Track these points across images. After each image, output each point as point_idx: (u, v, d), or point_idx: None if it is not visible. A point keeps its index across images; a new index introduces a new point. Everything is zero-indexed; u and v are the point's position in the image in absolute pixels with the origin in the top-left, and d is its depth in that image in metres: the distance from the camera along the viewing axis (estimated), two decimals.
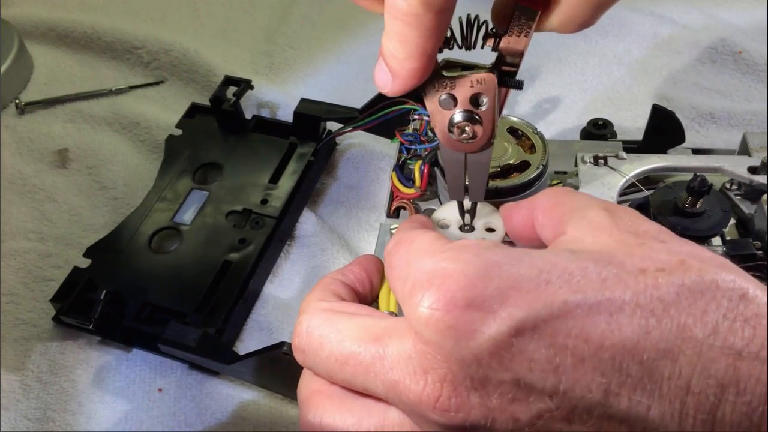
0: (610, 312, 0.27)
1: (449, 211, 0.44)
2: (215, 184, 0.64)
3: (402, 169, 0.54)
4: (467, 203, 0.43)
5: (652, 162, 0.53)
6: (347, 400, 0.33)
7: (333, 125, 0.66)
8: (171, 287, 0.56)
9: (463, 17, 0.35)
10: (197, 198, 0.63)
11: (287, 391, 0.52)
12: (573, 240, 0.32)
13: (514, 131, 0.51)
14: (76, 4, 0.87)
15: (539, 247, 0.38)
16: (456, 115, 0.36)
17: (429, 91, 0.36)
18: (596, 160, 0.53)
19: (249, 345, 0.56)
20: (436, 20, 0.31)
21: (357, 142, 0.68)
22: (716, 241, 0.50)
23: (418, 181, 0.51)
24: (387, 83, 0.34)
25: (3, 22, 0.80)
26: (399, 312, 0.37)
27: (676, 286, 0.28)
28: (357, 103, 0.64)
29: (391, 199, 0.55)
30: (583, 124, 0.63)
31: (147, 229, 0.60)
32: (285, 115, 0.71)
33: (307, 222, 0.63)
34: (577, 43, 0.78)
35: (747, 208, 0.52)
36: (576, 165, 0.54)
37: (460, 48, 0.36)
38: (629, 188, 0.53)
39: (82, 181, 0.68)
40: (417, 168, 0.51)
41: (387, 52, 0.33)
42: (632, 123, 0.69)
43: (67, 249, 0.62)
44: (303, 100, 0.66)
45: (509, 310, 0.28)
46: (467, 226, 0.43)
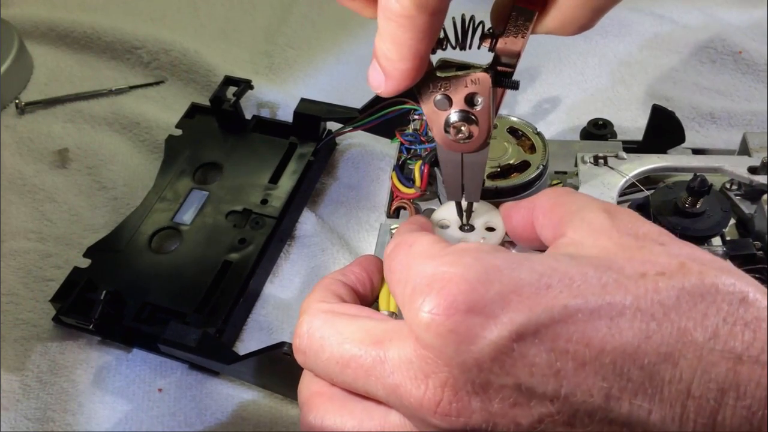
0: (611, 316, 0.27)
1: (449, 211, 0.44)
2: (215, 184, 0.64)
3: (402, 169, 0.54)
4: (466, 203, 0.43)
5: (652, 162, 0.53)
6: (348, 403, 0.33)
7: (333, 125, 0.66)
8: (171, 287, 0.56)
9: (458, 17, 0.35)
10: (197, 198, 0.63)
11: (287, 391, 0.52)
12: (573, 243, 0.32)
13: (514, 131, 0.51)
14: (76, 4, 0.87)
15: (539, 246, 0.38)
16: (452, 116, 0.36)
17: (424, 92, 0.36)
18: (596, 160, 0.53)
19: (249, 345, 0.56)
20: (429, 22, 0.31)
21: (357, 142, 0.68)
22: (716, 241, 0.50)
23: (418, 181, 0.51)
24: (380, 84, 0.34)
25: (3, 22, 0.80)
26: (399, 313, 0.37)
27: (677, 290, 0.28)
28: (357, 103, 0.64)
29: (391, 199, 0.55)
30: (583, 124, 0.63)
31: (147, 229, 0.60)
32: (285, 115, 0.71)
33: (307, 222, 0.63)
34: (577, 43, 0.78)
35: (747, 208, 0.52)
36: (576, 165, 0.53)
37: (453, 48, 0.35)
38: (629, 188, 0.53)
39: (82, 181, 0.68)
40: (417, 168, 0.51)
41: (380, 53, 0.33)
42: (632, 123, 0.69)
43: (67, 249, 0.62)
44: (303, 100, 0.66)
45: (510, 315, 0.28)
46: (467, 225, 0.43)
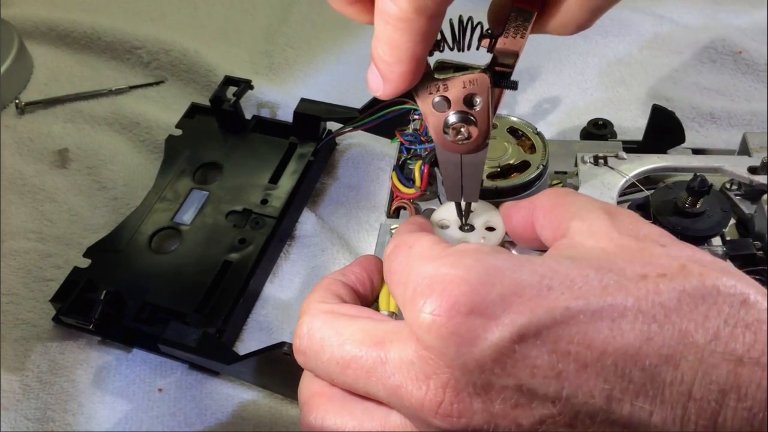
0: (612, 318, 0.27)
1: (449, 211, 0.44)
2: (215, 184, 0.64)
3: (402, 169, 0.54)
4: (465, 203, 0.43)
5: (652, 162, 0.53)
6: (348, 403, 0.33)
7: (333, 125, 0.66)
8: (171, 287, 0.56)
9: (455, 18, 0.35)
10: (197, 198, 0.63)
11: (287, 391, 0.52)
12: (573, 244, 0.32)
13: (514, 131, 0.51)
14: (76, 4, 0.87)
15: (539, 246, 0.38)
16: (450, 117, 0.36)
17: (422, 94, 0.36)
18: (596, 160, 0.52)
19: (249, 345, 0.56)
20: (427, 25, 0.31)
21: (357, 142, 0.68)
22: (716, 241, 0.50)
23: (418, 181, 0.51)
24: (379, 87, 0.34)
25: (3, 22, 0.80)
26: (399, 313, 0.37)
27: (678, 292, 0.28)
28: (357, 103, 0.64)
29: (391, 199, 0.55)
30: (583, 124, 0.63)
31: (147, 229, 0.60)
32: (285, 115, 0.71)
33: (307, 222, 0.63)
34: (577, 43, 0.78)
35: (747, 208, 0.52)
36: (576, 165, 0.53)
37: (451, 50, 0.35)
38: (629, 188, 0.52)
39: (82, 181, 0.68)
40: (417, 168, 0.50)
41: (377, 56, 0.33)
42: (632, 123, 0.69)
43: (67, 249, 0.62)
44: (303, 100, 0.66)
45: (511, 317, 0.28)
46: (467, 225, 0.43)
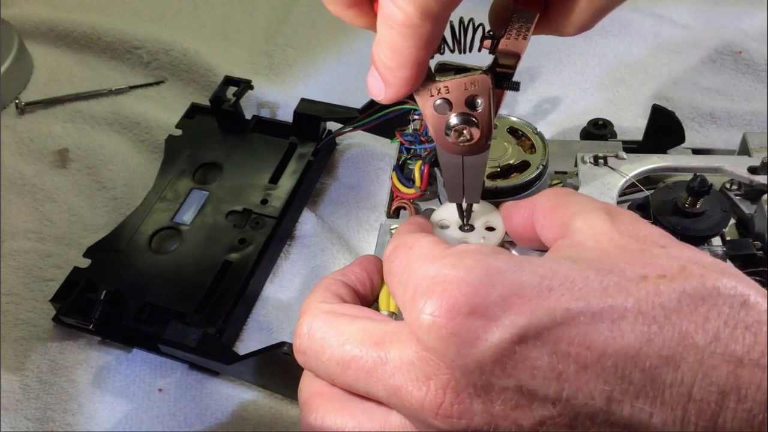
0: (613, 319, 0.27)
1: (449, 212, 0.44)
2: (215, 184, 0.64)
3: (402, 169, 0.54)
4: (466, 204, 0.43)
5: (652, 162, 0.53)
6: (348, 403, 0.33)
7: (333, 125, 0.66)
8: (171, 287, 0.56)
9: (456, 20, 0.35)
10: (197, 198, 0.63)
11: (287, 391, 0.52)
12: (574, 245, 0.32)
13: (514, 131, 0.51)
14: (76, 4, 0.87)
15: (539, 246, 0.38)
16: (452, 119, 0.36)
17: (423, 96, 0.36)
18: (596, 160, 0.52)
19: (249, 345, 0.56)
20: (432, 30, 0.30)
21: (357, 142, 0.68)
22: (716, 241, 0.50)
23: (418, 181, 0.51)
24: (380, 91, 0.33)
25: (3, 22, 0.80)
26: (399, 313, 0.37)
27: (678, 293, 0.28)
28: (357, 103, 0.64)
29: (391, 199, 0.55)
30: (583, 124, 0.63)
31: (147, 229, 0.60)
32: (285, 115, 0.71)
33: (307, 222, 0.63)
34: (577, 43, 0.78)
35: (747, 208, 0.52)
36: (576, 165, 0.53)
37: (452, 52, 0.35)
38: (629, 188, 0.52)
39: (82, 181, 0.68)
40: (417, 168, 0.50)
41: (379, 61, 0.32)
42: (632, 123, 0.69)
43: (67, 249, 0.62)
44: (303, 100, 0.66)
45: (512, 318, 0.28)
46: (467, 225, 0.43)
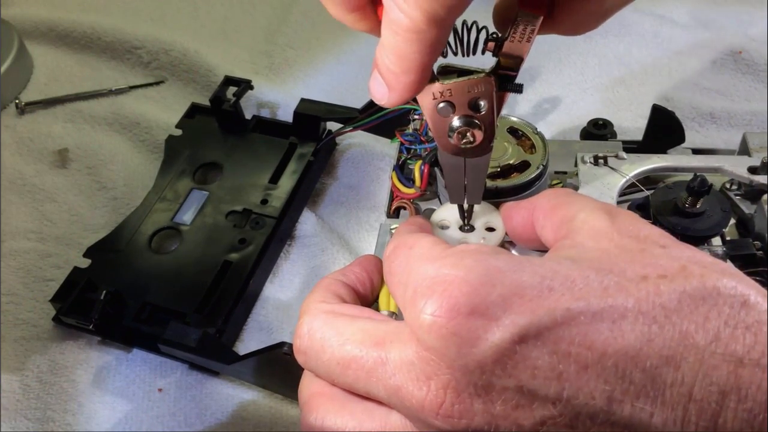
0: (613, 319, 0.27)
1: (449, 212, 0.44)
2: (215, 184, 0.64)
3: (402, 169, 0.54)
4: (467, 205, 0.43)
5: (652, 162, 0.53)
6: (348, 403, 0.33)
7: (333, 125, 0.66)
8: (171, 287, 0.56)
9: (459, 23, 0.35)
10: (197, 198, 0.63)
11: (287, 391, 0.52)
12: (574, 245, 0.32)
13: (514, 131, 0.51)
14: (76, 4, 0.87)
15: (539, 247, 0.38)
16: (455, 121, 0.36)
17: (426, 99, 0.36)
18: (596, 160, 0.52)
19: (249, 345, 0.56)
20: (438, 35, 0.30)
21: (357, 142, 0.68)
22: (716, 241, 0.50)
23: (418, 181, 0.51)
24: (384, 96, 0.33)
25: (3, 22, 0.80)
26: (399, 313, 0.37)
27: (678, 293, 0.28)
28: (357, 103, 0.64)
29: (391, 199, 0.55)
30: (583, 124, 0.63)
31: (147, 229, 0.60)
32: (285, 115, 0.71)
33: (307, 222, 0.63)
34: (577, 43, 0.78)
35: (747, 208, 0.52)
36: (576, 165, 0.53)
37: (455, 55, 0.35)
38: (629, 188, 0.52)
39: (82, 181, 0.68)
40: (417, 168, 0.50)
41: (383, 66, 0.32)
42: (632, 123, 0.69)
43: (67, 249, 0.62)
44: (303, 100, 0.66)
45: (512, 317, 0.28)
46: (467, 226, 0.43)
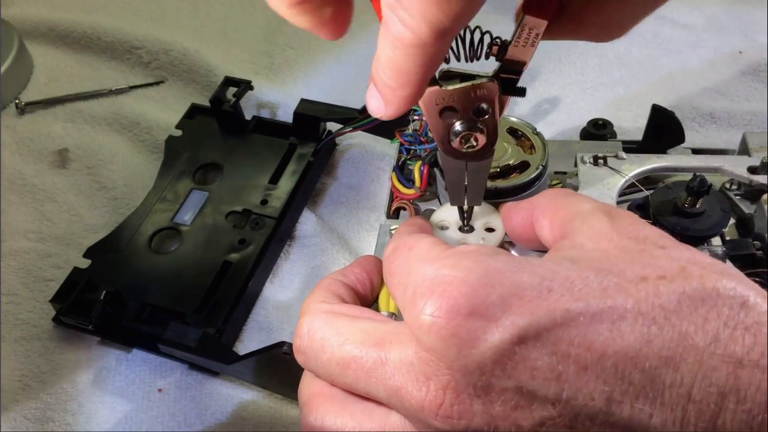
0: (612, 320, 0.27)
1: (448, 212, 0.44)
2: (215, 185, 0.64)
3: (402, 170, 0.54)
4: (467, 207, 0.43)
5: (652, 162, 0.53)
6: (348, 403, 0.33)
7: (333, 125, 0.66)
8: (171, 287, 0.56)
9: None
10: (197, 198, 0.63)
11: (287, 391, 0.52)
12: (573, 246, 0.32)
13: (513, 131, 0.51)
14: (76, 4, 0.87)
15: (538, 247, 0.38)
16: (457, 126, 0.36)
17: (428, 105, 0.36)
18: (596, 161, 0.52)
19: (249, 345, 0.56)
20: (442, 48, 0.29)
21: (357, 142, 0.68)
22: (716, 241, 0.50)
23: (418, 182, 0.51)
24: (380, 110, 0.32)
25: (3, 22, 0.80)
26: (399, 314, 0.37)
27: (677, 294, 0.28)
28: (357, 103, 0.64)
29: (391, 199, 0.55)
30: (583, 124, 0.63)
31: (147, 230, 0.60)
32: (285, 115, 0.71)
33: (307, 222, 0.63)
34: (577, 43, 0.78)
35: (747, 208, 0.52)
36: (576, 165, 0.53)
37: (458, 61, 0.35)
38: (629, 188, 0.52)
39: (82, 181, 0.68)
40: (417, 168, 0.50)
41: (380, 80, 0.30)
42: (632, 123, 0.69)
43: (67, 249, 0.62)
44: (303, 101, 0.66)
45: (511, 318, 0.28)
46: (467, 226, 0.43)
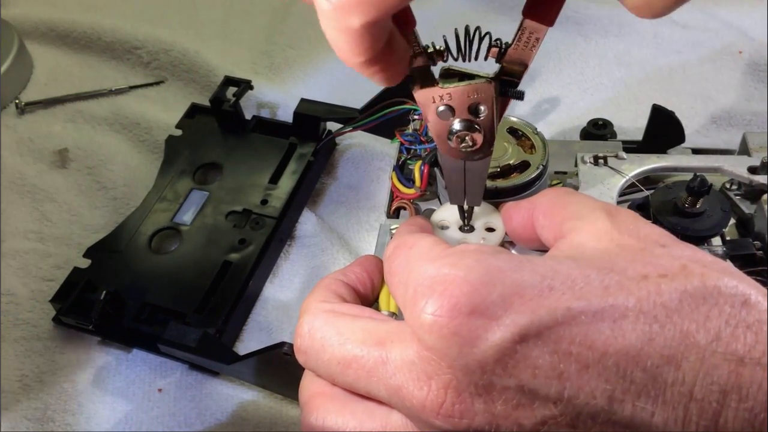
0: (614, 319, 0.27)
1: (449, 212, 0.44)
2: (215, 185, 0.64)
3: (402, 170, 0.54)
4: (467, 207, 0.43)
5: (652, 162, 0.53)
6: (349, 403, 0.33)
7: (333, 125, 0.66)
8: (171, 287, 0.56)
9: (461, 29, 0.35)
10: (197, 198, 0.63)
11: (287, 391, 0.52)
12: (574, 245, 0.32)
13: (514, 131, 0.51)
14: (76, 4, 0.87)
15: (539, 247, 0.38)
16: (455, 125, 0.36)
17: (426, 102, 0.36)
18: (596, 160, 0.52)
19: (249, 345, 0.56)
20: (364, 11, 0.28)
21: (357, 142, 0.68)
22: (716, 241, 0.50)
23: (418, 182, 0.51)
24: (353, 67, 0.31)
25: (3, 22, 0.80)
26: (399, 313, 0.37)
27: (679, 293, 0.28)
28: (357, 103, 0.64)
29: (391, 199, 0.55)
30: (583, 124, 0.63)
31: (147, 230, 0.60)
32: (285, 115, 0.71)
33: (307, 222, 0.63)
34: (577, 43, 0.78)
35: (747, 208, 0.52)
36: (576, 165, 0.53)
37: (455, 60, 0.35)
38: (629, 188, 0.52)
39: (82, 181, 0.68)
40: (417, 168, 0.50)
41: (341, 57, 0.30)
42: (632, 123, 0.69)
43: (67, 249, 0.62)
44: (303, 101, 0.66)
45: (513, 317, 0.28)
46: (467, 226, 0.43)
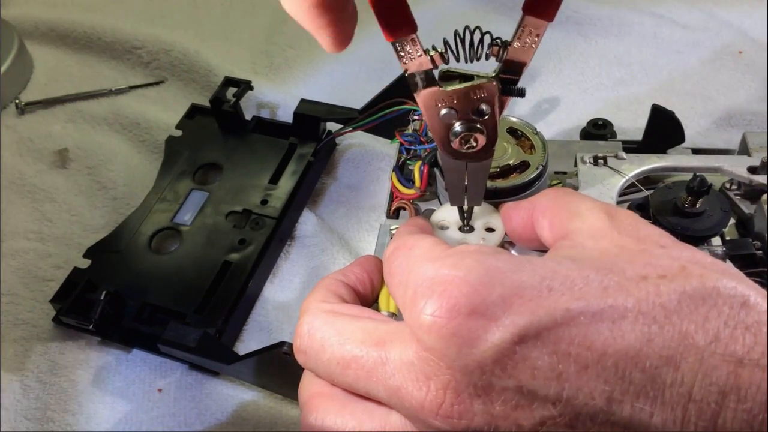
0: (613, 319, 0.27)
1: (448, 212, 0.44)
2: (215, 185, 0.64)
3: (402, 170, 0.54)
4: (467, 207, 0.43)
5: (651, 162, 0.53)
6: (349, 403, 0.33)
7: (333, 126, 0.66)
8: (171, 287, 0.56)
9: (461, 29, 0.35)
10: (197, 198, 0.63)
11: (287, 391, 0.52)
12: (574, 245, 0.32)
13: (513, 131, 0.51)
14: (76, 4, 0.87)
15: (538, 247, 0.38)
16: (457, 126, 0.36)
17: (428, 105, 0.36)
18: (596, 160, 0.52)
19: (249, 345, 0.56)
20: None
21: (357, 142, 0.68)
22: (716, 241, 0.50)
23: (418, 182, 0.51)
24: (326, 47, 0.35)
25: (3, 22, 0.80)
26: (399, 314, 0.37)
27: (678, 293, 0.28)
28: (357, 103, 0.64)
29: (391, 199, 0.55)
30: (583, 124, 0.63)
31: (147, 230, 0.60)
32: (285, 115, 0.71)
33: (307, 222, 0.63)
34: (577, 43, 0.78)
35: (747, 208, 0.52)
36: (576, 165, 0.53)
37: (458, 62, 0.35)
38: (629, 188, 0.52)
39: (82, 181, 0.68)
40: (417, 168, 0.50)
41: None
42: (632, 123, 0.69)
43: (67, 249, 0.62)
44: (303, 101, 0.66)
45: (512, 318, 0.28)
46: (467, 226, 0.43)
